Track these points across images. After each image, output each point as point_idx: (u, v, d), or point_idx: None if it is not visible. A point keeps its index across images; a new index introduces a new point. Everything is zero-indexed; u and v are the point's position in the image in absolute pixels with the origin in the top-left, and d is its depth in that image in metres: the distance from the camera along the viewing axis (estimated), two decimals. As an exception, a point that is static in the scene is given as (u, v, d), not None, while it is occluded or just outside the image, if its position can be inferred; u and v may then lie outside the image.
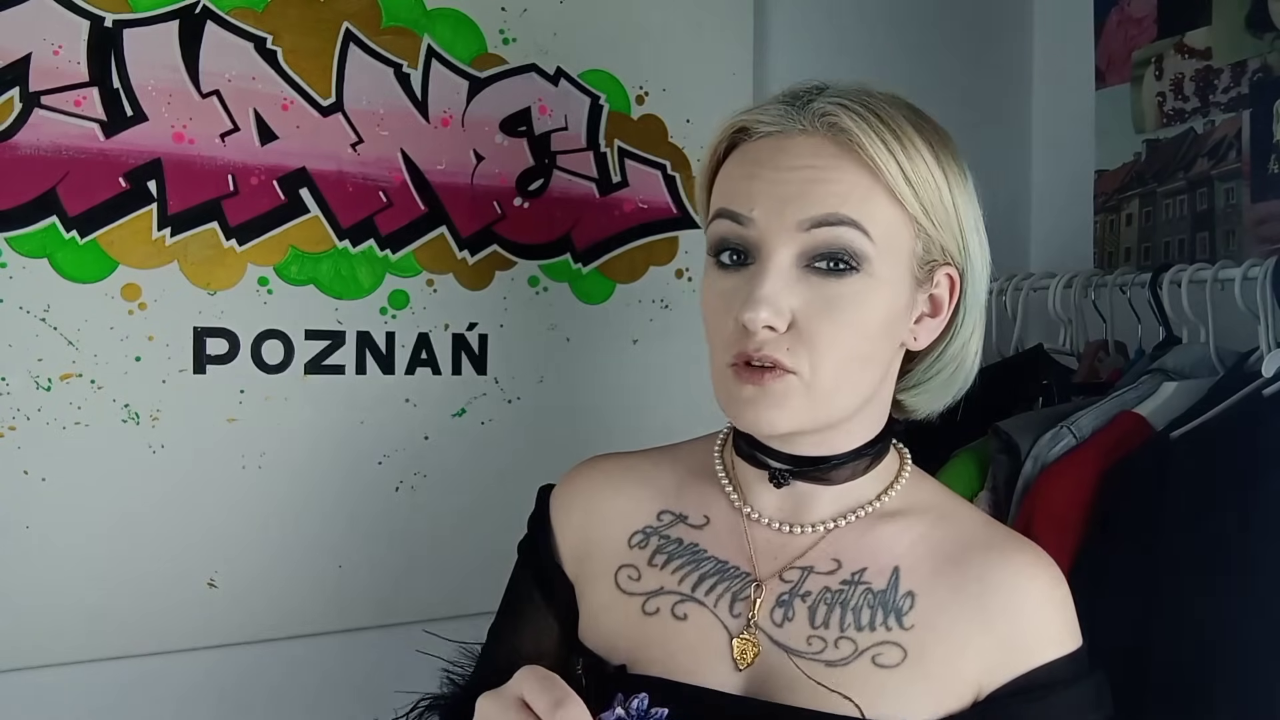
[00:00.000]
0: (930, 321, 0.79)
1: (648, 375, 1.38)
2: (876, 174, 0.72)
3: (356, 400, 1.22)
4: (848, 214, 0.71)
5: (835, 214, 0.71)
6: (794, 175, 0.73)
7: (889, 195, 0.73)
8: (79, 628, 1.09)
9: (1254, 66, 1.45)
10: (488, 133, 1.28)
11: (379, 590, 1.25)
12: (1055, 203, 1.75)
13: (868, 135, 0.72)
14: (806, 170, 0.73)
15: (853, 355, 0.73)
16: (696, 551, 0.81)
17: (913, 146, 0.73)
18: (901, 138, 0.73)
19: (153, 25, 1.10)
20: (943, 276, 0.78)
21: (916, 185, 0.73)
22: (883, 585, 0.77)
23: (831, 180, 0.72)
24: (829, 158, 0.73)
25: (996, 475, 1.21)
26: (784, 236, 0.72)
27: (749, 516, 0.81)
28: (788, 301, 0.72)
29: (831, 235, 0.71)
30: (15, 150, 1.04)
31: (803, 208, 0.72)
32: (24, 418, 1.06)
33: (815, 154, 0.73)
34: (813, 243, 0.72)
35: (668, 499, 0.85)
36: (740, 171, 0.76)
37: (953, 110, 1.70)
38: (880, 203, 0.73)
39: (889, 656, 0.74)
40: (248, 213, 1.15)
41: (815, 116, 0.74)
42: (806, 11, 1.55)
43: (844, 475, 0.80)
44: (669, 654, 0.78)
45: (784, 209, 0.72)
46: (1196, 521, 1.03)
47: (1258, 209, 1.45)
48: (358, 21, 1.20)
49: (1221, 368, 1.22)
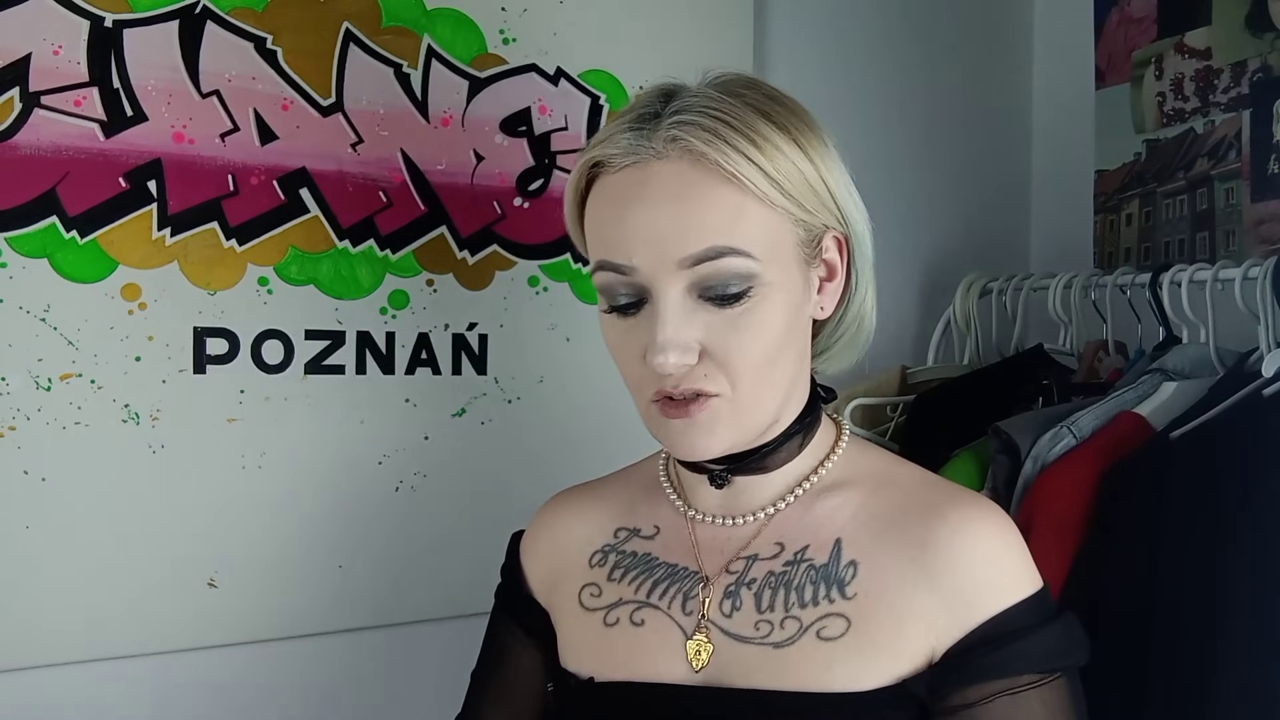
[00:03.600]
0: (830, 285, 0.79)
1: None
2: (742, 188, 0.71)
3: (356, 400, 1.22)
4: (725, 244, 0.71)
5: (713, 247, 0.70)
6: (662, 210, 0.71)
7: (760, 203, 0.72)
8: (79, 628, 1.09)
9: (1254, 66, 1.45)
10: (488, 133, 1.28)
11: (379, 590, 1.25)
12: (1055, 203, 1.75)
13: (723, 153, 0.70)
14: (672, 203, 0.71)
15: (766, 362, 0.74)
16: (649, 560, 0.83)
17: (770, 144, 0.72)
18: (757, 140, 0.71)
19: (153, 25, 1.10)
20: (830, 241, 0.77)
21: (783, 183, 0.72)
22: (824, 559, 0.77)
23: (700, 210, 0.71)
24: (691, 185, 0.71)
25: (996, 475, 1.21)
26: (669, 276, 0.72)
27: (692, 518, 0.83)
28: (690, 335, 0.72)
29: (714, 269, 0.71)
30: (15, 150, 1.04)
31: (680, 246, 0.71)
32: (24, 418, 1.06)
33: (677, 183, 0.71)
34: (698, 277, 0.71)
35: (623, 517, 0.88)
36: (607, 214, 0.75)
37: (953, 110, 1.72)
38: (753, 215, 0.72)
39: (833, 628, 0.74)
40: (248, 213, 1.15)
41: (666, 142, 0.72)
42: (806, 11, 1.55)
43: (780, 459, 0.81)
44: (631, 659, 0.80)
45: (662, 250, 0.71)
46: (1196, 522, 1.03)
47: (1258, 209, 1.45)
48: (358, 21, 1.20)
49: (1221, 368, 1.22)
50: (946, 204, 1.68)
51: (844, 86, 1.59)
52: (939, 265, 1.66)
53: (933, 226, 1.67)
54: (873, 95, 1.61)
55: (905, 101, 1.65)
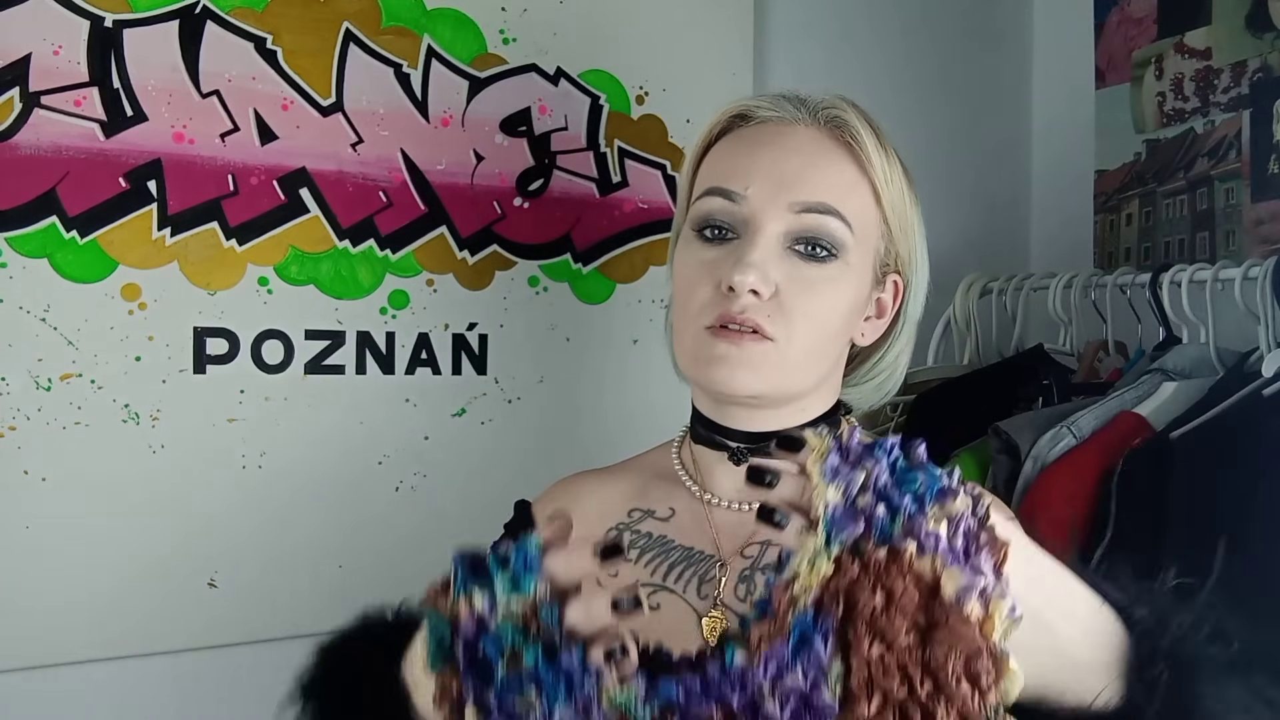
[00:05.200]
0: (876, 322, 0.85)
1: (648, 375, 1.38)
2: (865, 170, 0.79)
3: (356, 400, 1.22)
4: (836, 205, 0.77)
5: (825, 203, 0.77)
6: (793, 159, 0.78)
7: (871, 192, 0.79)
8: (79, 628, 1.09)
9: (1254, 66, 1.45)
10: (488, 133, 1.28)
11: (379, 590, 1.23)
12: (1055, 203, 1.75)
13: (864, 131, 0.79)
14: (804, 156, 0.78)
15: (823, 334, 0.78)
16: (665, 542, 0.84)
17: (891, 152, 0.81)
18: (883, 141, 0.81)
19: (153, 25, 1.10)
20: (890, 283, 0.84)
21: (890, 188, 0.80)
22: None
23: (827, 169, 0.78)
24: (826, 151, 0.79)
25: (997, 475, 1.21)
26: (775, 214, 0.77)
27: (709, 503, 0.85)
28: (775, 272, 0.76)
29: (818, 222, 0.77)
30: (15, 150, 1.04)
31: (798, 190, 0.77)
32: (24, 418, 1.06)
33: (814, 144, 0.79)
34: (800, 225, 0.77)
35: (636, 498, 0.89)
36: (739, 148, 0.81)
37: (953, 110, 1.72)
38: (863, 197, 0.79)
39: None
40: (248, 213, 1.15)
41: (816, 110, 0.81)
42: (806, 11, 1.55)
43: None
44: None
45: (779, 189, 0.77)
46: (1196, 521, 1.03)
47: (1258, 209, 1.45)
48: (358, 21, 1.20)
49: (1221, 368, 1.22)
50: (946, 204, 1.68)
51: (844, 87, 1.57)
52: (939, 265, 1.63)
53: (933, 226, 1.65)
54: (873, 95, 1.60)
55: (905, 101, 1.64)
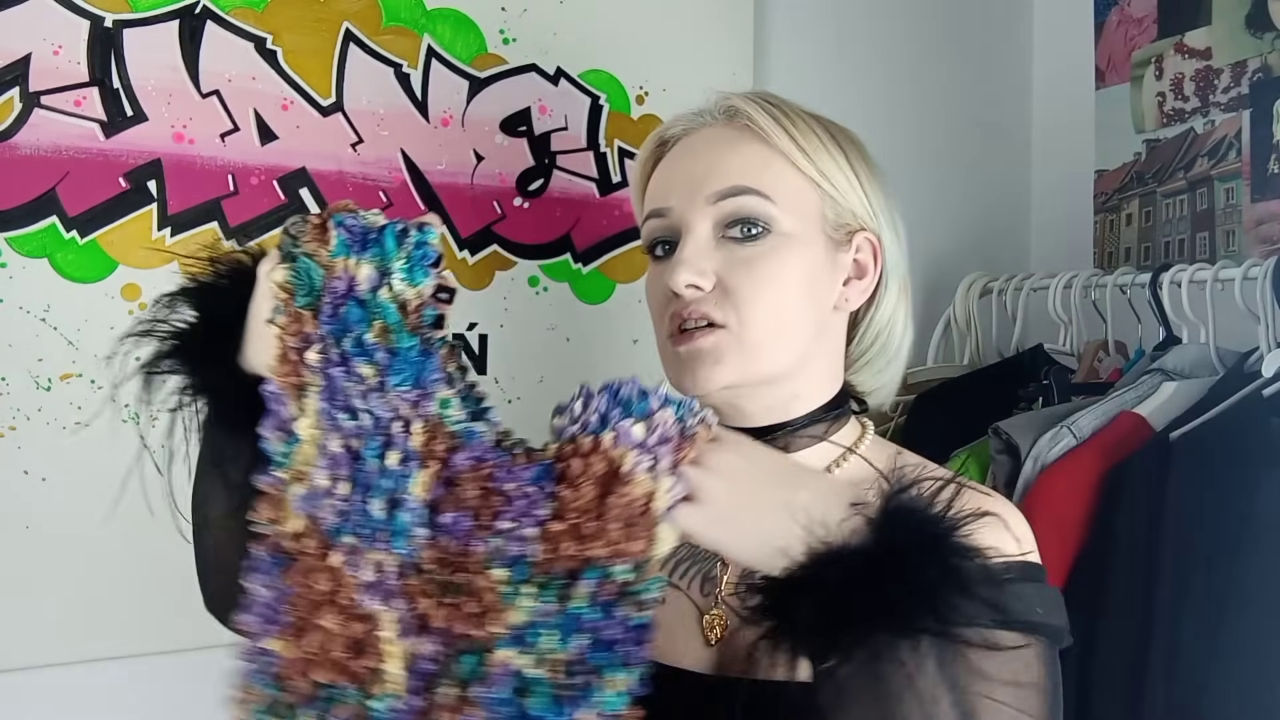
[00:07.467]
0: (858, 284, 0.84)
1: (648, 375, 1.38)
2: (770, 144, 0.80)
3: (356, 400, 1.21)
4: (748, 184, 0.79)
5: (737, 185, 0.79)
6: (701, 159, 0.81)
7: (786, 162, 0.80)
8: (79, 628, 1.09)
9: (1254, 66, 1.45)
10: (488, 133, 1.28)
11: (379, 590, 1.24)
12: (1055, 203, 1.75)
13: (759, 112, 0.81)
14: (711, 152, 0.81)
15: (777, 309, 0.78)
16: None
17: (804, 124, 0.81)
18: (792, 115, 0.81)
19: (153, 25, 1.10)
20: (863, 241, 0.83)
21: (811, 153, 0.80)
22: None
23: (730, 157, 0.80)
24: (727, 140, 0.81)
25: (997, 476, 1.21)
26: (697, 213, 0.80)
27: None
28: (708, 264, 0.78)
29: (737, 204, 0.79)
30: (15, 150, 1.04)
31: (710, 183, 0.79)
32: (24, 418, 1.06)
33: (717, 138, 0.82)
34: (722, 213, 0.79)
35: None
36: (662, 170, 0.85)
37: (953, 111, 1.72)
38: (779, 169, 0.80)
39: None
40: (248, 213, 1.15)
41: (716, 112, 0.84)
42: (806, 11, 1.55)
43: (801, 443, 0.82)
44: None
45: (695, 190, 0.80)
46: (1196, 522, 1.03)
47: (1258, 209, 1.45)
48: (358, 21, 1.20)
49: (1221, 368, 1.22)
50: (946, 204, 1.68)
51: (844, 87, 1.59)
52: (939, 265, 1.66)
53: (933, 226, 1.67)
54: (873, 95, 1.61)
55: (905, 102, 1.64)
